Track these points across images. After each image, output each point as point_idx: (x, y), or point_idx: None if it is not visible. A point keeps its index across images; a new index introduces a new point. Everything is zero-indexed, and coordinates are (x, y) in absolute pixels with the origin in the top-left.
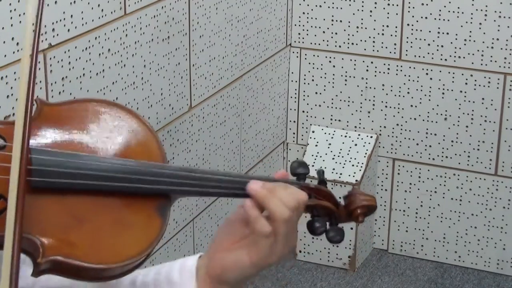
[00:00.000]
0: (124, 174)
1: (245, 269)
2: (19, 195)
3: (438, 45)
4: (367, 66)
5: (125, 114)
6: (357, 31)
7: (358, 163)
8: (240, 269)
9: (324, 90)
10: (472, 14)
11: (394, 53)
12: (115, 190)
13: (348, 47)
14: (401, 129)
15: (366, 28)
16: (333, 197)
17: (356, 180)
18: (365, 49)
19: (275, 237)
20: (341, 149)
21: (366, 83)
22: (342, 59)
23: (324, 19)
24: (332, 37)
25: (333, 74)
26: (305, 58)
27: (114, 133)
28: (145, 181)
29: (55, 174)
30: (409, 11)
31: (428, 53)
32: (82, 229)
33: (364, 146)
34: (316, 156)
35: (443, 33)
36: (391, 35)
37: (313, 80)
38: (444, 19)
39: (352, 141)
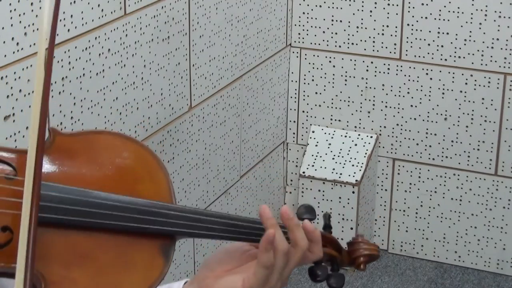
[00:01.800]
0: (131, 213)
1: None
2: (29, 236)
3: (438, 45)
4: (367, 66)
5: (138, 150)
6: (357, 31)
7: (358, 163)
8: None
9: (324, 90)
10: (472, 14)
11: (394, 53)
12: (120, 229)
13: (348, 47)
14: (401, 129)
15: (366, 28)
16: (336, 243)
17: (356, 180)
18: (365, 49)
19: (275, 269)
20: (341, 149)
21: (366, 83)
22: (342, 59)
23: (324, 19)
24: (332, 37)
25: (333, 74)
26: (305, 58)
27: (125, 169)
28: (152, 221)
29: (63, 210)
30: (409, 11)
31: (428, 53)
32: (84, 266)
33: (364, 146)
34: (316, 156)
35: (443, 33)
36: (391, 35)
37: (313, 80)
38: (444, 19)
39: (352, 141)
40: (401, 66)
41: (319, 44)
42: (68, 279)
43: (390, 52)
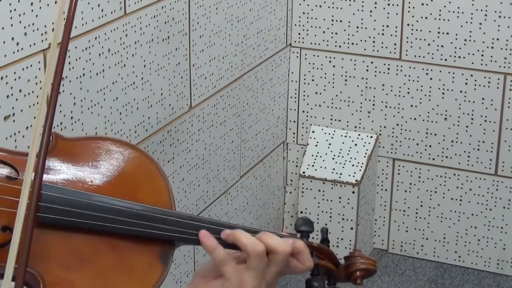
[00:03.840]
0: (131, 218)
1: None
2: (26, 231)
3: (438, 45)
4: (367, 66)
5: (139, 157)
6: (357, 31)
7: (358, 163)
8: None
9: (324, 90)
10: (472, 14)
11: (394, 53)
12: (120, 233)
13: (348, 47)
14: (401, 129)
15: (366, 28)
16: (334, 257)
17: (356, 180)
18: (365, 49)
19: (248, 269)
20: (341, 149)
21: (366, 83)
22: (342, 59)
23: (324, 19)
24: (332, 37)
25: (333, 74)
26: (305, 58)
27: (126, 174)
28: (150, 226)
29: (64, 212)
30: (409, 11)
31: (428, 53)
32: (83, 269)
33: (364, 146)
34: (316, 156)
35: (443, 33)
36: (391, 35)
37: (313, 80)
38: (444, 19)
39: (352, 141)
40: (401, 66)
41: (319, 44)
42: (67, 281)
43: (390, 52)
